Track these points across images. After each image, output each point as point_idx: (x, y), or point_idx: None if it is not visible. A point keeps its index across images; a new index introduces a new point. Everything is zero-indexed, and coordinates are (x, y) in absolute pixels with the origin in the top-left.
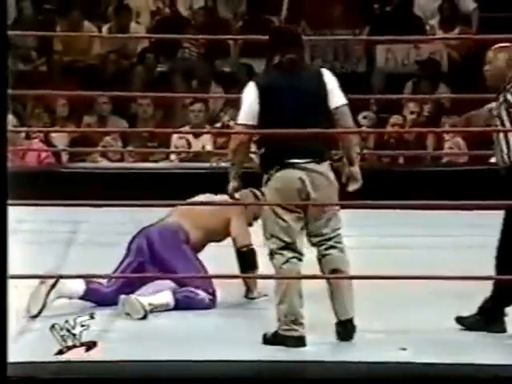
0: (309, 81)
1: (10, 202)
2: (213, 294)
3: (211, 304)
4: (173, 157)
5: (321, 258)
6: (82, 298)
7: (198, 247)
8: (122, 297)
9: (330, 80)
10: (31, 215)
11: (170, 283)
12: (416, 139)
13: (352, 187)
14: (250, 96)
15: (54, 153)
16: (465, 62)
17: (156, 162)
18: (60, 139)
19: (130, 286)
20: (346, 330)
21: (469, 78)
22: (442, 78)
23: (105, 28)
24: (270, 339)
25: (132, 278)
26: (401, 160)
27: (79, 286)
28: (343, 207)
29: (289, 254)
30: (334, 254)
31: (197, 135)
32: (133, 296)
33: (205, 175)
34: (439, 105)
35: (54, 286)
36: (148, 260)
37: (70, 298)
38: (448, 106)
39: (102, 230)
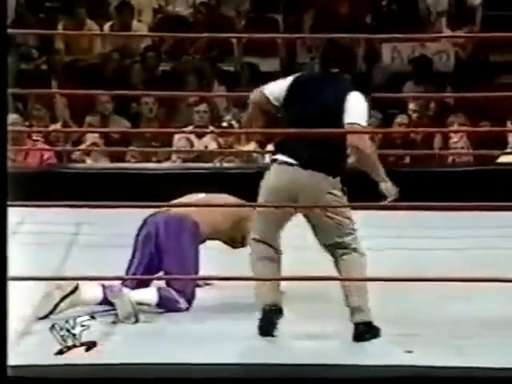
0: (333, 93)
1: (9, 202)
2: (190, 298)
3: (185, 309)
4: (174, 157)
5: (336, 261)
6: (100, 304)
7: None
8: (115, 293)
9: (354, 100)
10: (32, 216)
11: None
12: (422, 138)
13: (388, 200)
14: (285, 81)
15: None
16: (471, 61)
17: (159, 162)
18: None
19: (144, 284)
20: (359, 332)
21: (475, 76)
22: (447, 77)
23: (107, 26)
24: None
25: (145, 279)
26: (407, 159)
27: (97, 294)
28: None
29: (263, 252)
30: (349, 259)
31: (199, 135)
32: (127, 298)
33: (207, 175)
34: (443, 103)
35: (69, 294)
36: (153, 250)
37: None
38: (452, 104)
39: (104, 231)
